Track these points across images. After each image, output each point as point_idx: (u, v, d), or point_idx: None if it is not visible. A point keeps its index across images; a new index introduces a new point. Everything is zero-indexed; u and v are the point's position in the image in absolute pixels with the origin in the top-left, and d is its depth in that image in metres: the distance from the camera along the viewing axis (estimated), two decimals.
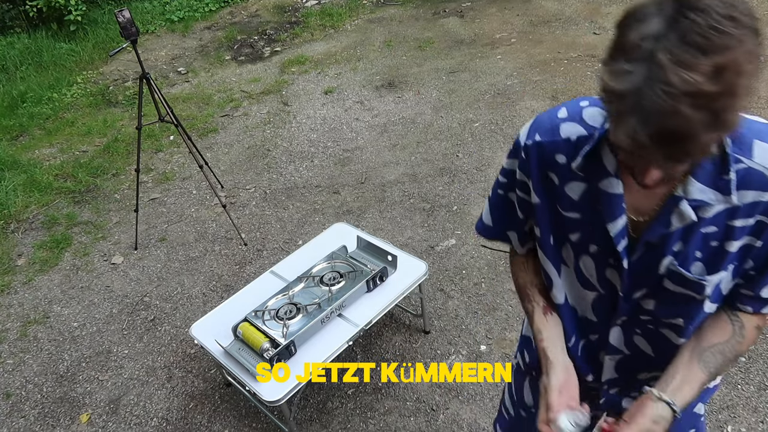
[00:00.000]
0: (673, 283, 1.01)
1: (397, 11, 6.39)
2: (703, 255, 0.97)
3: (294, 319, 2.26)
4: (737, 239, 0.95)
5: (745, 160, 0.90)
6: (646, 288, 1.05)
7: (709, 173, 0.91)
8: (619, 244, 1.02)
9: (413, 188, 3.73)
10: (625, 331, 1.14)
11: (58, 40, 6.46)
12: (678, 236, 0.97)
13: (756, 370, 2.37)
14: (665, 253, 0.98)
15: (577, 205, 1.05)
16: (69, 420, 2.63)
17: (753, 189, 0.91)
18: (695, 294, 1.01)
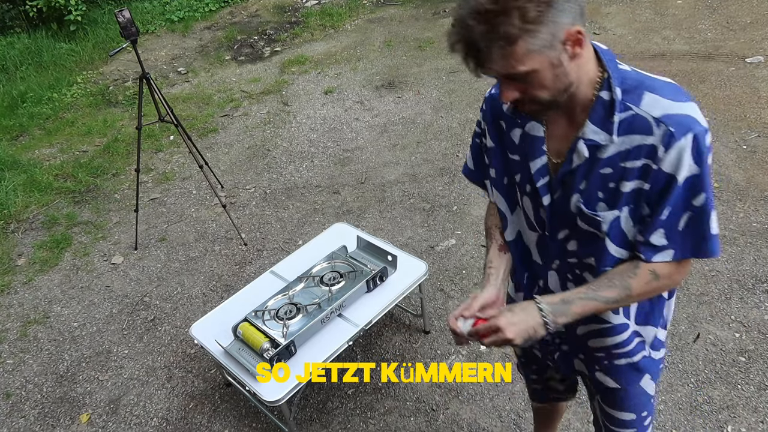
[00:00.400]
0: (581, 220, 1.16)
1: (397, 11, 6.39)
2: (604, 195, 1.11)
3: (294, 319, 2.26)
4: (629, 180, 1.08)
5: (634, 108, 1.06)
6: (567, 228, 1.21)
7: (600, 117, 1.08)
8: (538, 181, 1.20)
9: (413, 188, 3.73)
10: (559, 276, 1.29)
11: (58, 40, 6.46)
12: (581, 175, 1.12)
13: (756, 370, 2.37)
14: (574, 190, 1.14)
15: (517, 148, 1.24)
16: (69, 420, 2.63)
17: (638, 133, 1.05)
18: (597, 231, 1.15)
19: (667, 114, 1.04)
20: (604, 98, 1.07)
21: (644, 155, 1.05)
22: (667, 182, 1.06)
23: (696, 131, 1.03)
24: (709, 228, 1.10)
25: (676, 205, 1.08)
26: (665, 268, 1.13)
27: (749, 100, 3.92)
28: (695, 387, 2.34)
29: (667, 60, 4.54)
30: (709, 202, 1.08)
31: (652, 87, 1.06)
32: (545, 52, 0.98)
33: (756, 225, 3.00)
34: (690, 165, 1.04)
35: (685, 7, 5.31)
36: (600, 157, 1.09)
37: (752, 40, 4.60)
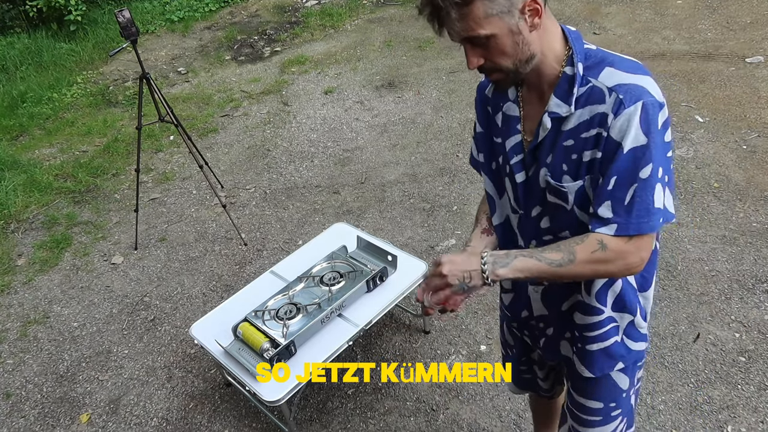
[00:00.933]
0: (550, 194, 1.20)
1: (397, 11, 6.39)
2: (568, 167, 1.15)
3: (294, 319, 2.26)
4: (587, 150, 1.12)
5: (592, 80, 1.11)
6: (539, 204, 1.24)
7: (564, 91, 1.12)
8: (512, 158, 1.25)
9: (413, 188, 3.73)
10: None
11: (58, 40, 6.46)
12: (547, 149, 1.17)
13: (756, 370, 2.37)
14: (541, 165, 1.19)
15: (500, 131, 1.28)
16: (69, 420, 2.63)
17: (593, 103, 1.10)
18: (564, 203, 1.18)
19: (619, 84, 1.07)
20: (568, 73, 1.12)
21: (597, 124, 1.09)
22: (613, 150, 1.08)
23: (646, 100, 1.05)
24: (653, 201, 1.08)
25: (621, 176, 1.08)
26: (614, 241, 1.10)
27: (749, 100, 3.92)
28: (695, 387, 2.34)
29: (667, 60, 4.54)
30: (655, 176, 1.07)
31: (612, 62, 1.11)
32: (504, 17, 1.03)
33: (756, 225, 3.00)
34: (637, 134, 1.05)
35: (685, 7, 5.31)
36: (563, 130, 1.13)
37: (752, 40, 4.60)
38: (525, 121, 1.23)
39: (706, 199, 3.22)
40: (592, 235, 1.12)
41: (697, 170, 3.42)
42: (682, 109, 3.93)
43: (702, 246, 2.94)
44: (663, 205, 1.10)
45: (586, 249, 1.12)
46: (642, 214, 1.09)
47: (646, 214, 1.09)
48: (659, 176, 1.08)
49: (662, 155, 1.08)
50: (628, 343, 1.36)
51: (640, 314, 1.34)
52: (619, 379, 1.40)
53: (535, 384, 1.73)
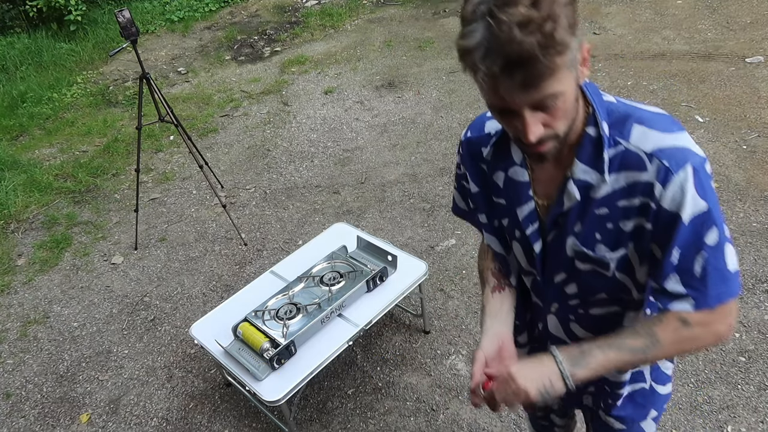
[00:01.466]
0: (581, 262, 1.08)
1: (397, 11, 6.39)
2: (602, 236, 1.03)
3: (294, 319, 2.26)
4: (630, 219, 1.00)
5: (623, 142, 0.98)
6: (564, 271, 1.12)
7: (589, 155, 0.99)
8: (527, 228, 1.12)
9: (413, 188, 3.72)
10: (560, 319, 1.21)
11: (58, 40, 6.46)
12: (575, 217, 1.04)
13: (756, 370, 2.37)
14: (567, 233, 1.06)
15: (502, 192, 1.15)
16: (69, 420, 2.63)
17: (630, 170, 0.97)
18: (603, 270, 1.07)
19: (659, 147, 0.95)
20: (591, 134, 0.99)
21: (641, 193, 0.97)
22: (671, 222, 0.96)
23: (694, 162, 0.94)
24: (725, 265, 0.98)
25: (686, 248, 0.97)
26: (697, 316, 0.99)
27: (749, 100, 3.92)
28: (695, 387, 2.34)
29: (667, 60, 4.54)
30: (723, 237, 0.97)
31: (640, 119, 0.98)
32: (573, 69, 0.87)
33: (756, 225, 3.00)
34: (695, 202, 0.94)
35: (685, 7, 5.31)
36: (594, 197, 1.01)
37: (752, 40, 4.60)
38: (535, 184, 1.09)
39: None
40: (670, 313, 1.00)
41: None
42: (682, 109, 3.93)
43: None
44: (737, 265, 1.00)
45: (668, 329, 1.00)
46: (718, 282, 0.98)
47: (722, 282, 0.98)
48: (726, 234, 0.98)
49: (719, 213, 0.97)
50: (656, 387, 1.27)
51: None
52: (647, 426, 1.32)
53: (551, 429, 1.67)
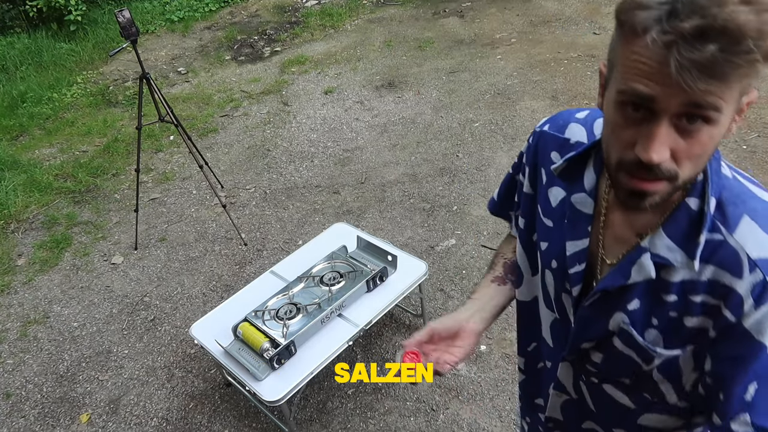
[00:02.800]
0: (622, 342, 0.90)
1: (397, 11, 6.39)
2: (659, 323, 0.85)
3: (294, 319, 2.26)
4: (695, 315, 0.82)
5: (724, 232, 0.78)
6: (595, 339, 0.94)
7: (682, 231, 0.80)
8: (572, 267, 0.93)
9: (413, 188, 3.72)
10: (574, 374, 1.04)
11: (58, 40, 6.46)
12: (637, 294, 0.85)
13: None
14: (619, 308, 0.88)
15: (552, 213, 0.97)
16: (69, 420, 2.63)
17: (722, 268, 0.79)
18: (643, 362, 0.89)
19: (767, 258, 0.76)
20: (691, 206, 0.79)
21: (720, 297, 0.79)
22: (749, 348, 0.77)
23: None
24: None
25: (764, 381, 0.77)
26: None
27: None
28: None
29: None
30: None
31: (755, 211, 0.78)
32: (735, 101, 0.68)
33: None
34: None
35: None
36: (668, 280, 0.82)
37: None
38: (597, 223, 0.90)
39: None
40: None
41: None
42: None
43: None
44: None
45: None
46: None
47: None
48: None
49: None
50: None
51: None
52: None
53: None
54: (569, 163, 0.91)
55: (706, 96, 0.65)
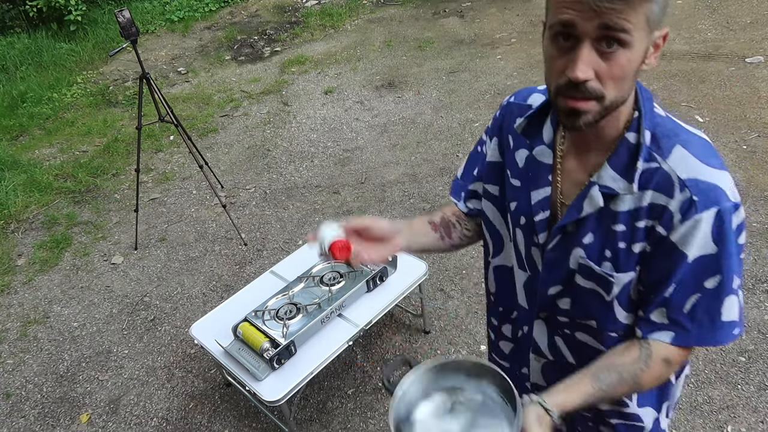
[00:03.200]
0: (583, 278, 1.01)
1: (397, 11, 6.39)
2: (611, 254, 0.97)
3: (294, 319, 2.26)
4: (639, 241, 0.95)
5: (660, 160, 0.91)
6: (561, 284, 1.06)
7: (623, 162, 0.93)
8: (537, 214, 1.04)
9: (413, 188, 3.72)
10: (548, 329, 1.14)
11: (58, 40, 6.46)
12: (590, 227, 0.98)
13: (756, 370, 2.37)
14: (576, 243, 0.99)
15: (520, 173, 1.08)
16: (69, 420, 2.63)
17: (657, 191, 0.91)
18: (604, 292, 1.00)
19: (695, 179, 0.89)
20: (630, 140, 0.93)
21: (656, 216, 0.92)
22: (674, 256, 0.93)
23: (722, 207, 0.88)
24: (719, 315, 0.95)
25: (682, 284, 0.94)
26: (676, 353, 0.98)
27: (749, 100, 3.92)
28: (695, 387, 2.34)
29: (667, 60, 4.54)
30: (726, 286, 0.93)
31: (686, 141, 0.92)
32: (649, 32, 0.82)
33: (756, 225, 3.00)
34: (705, 243, 0.90)
35: (685, 7, 5.31)
36: (615, 210, 0.95)
37: (752, 40, 4.60)
38: (556, 174, 1.03)
39: None
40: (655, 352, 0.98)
41: None
42: (682, 109, 3.93)
43: None
44: (738, 316, 0.96)
45: (653, 375, 0.99)
46: (706, 326, 0.96)
47: (710, 327, 0.96)
48: (732, 286, 0.94)
49: (735, 263, 0.93)
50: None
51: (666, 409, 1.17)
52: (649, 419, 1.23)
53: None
54: (529, 120, 1.04)
55: (613, 17, 0.78)
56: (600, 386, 0.98)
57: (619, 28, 0.79)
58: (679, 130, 0.94)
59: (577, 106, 0.86)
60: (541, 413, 0.95)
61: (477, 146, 1.21)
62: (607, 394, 0.98)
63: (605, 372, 0.99)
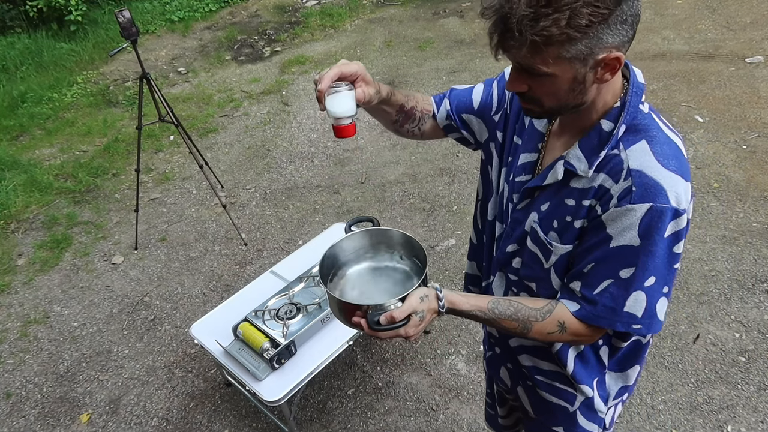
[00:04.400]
0: (532, 241, 1.11)
1: (397, 11, 6.39)
2: (558, 225, 1.06)
3: (294, 319, 2.26)
4: (581, 218, 1.02)
5: (621, 148, 0.98)
6: (516, 243, 1.16)
7: (591, 146, 1.00)
8: (519, 175, 1.14)
9: (413, 188, 3.73)
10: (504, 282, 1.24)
11: (58, 40, 6.46)
12: (548, 197, 1.07)
13: (756, 370, 2.37)
14: (534, 208, 1.09)
15: (522, 132, 1.17)
16: (69, 420, 2.63)
17: (608, 175, 0.98)
18: (544, 259, 1.10)
19: (642, 171, 0.94)
20: (604, 128, 0.99)
21: (599, 197, 0.99)
22: (600, 235, 0.99)
23: (656, 206, 0.93)
24: (623, 305, 1.01)
25: (599, 265, 1.01)
26: (575, 323, 1.06)
27: (749, 100, 3.92)
28: (695, 387, 2.34)
29: (667, 60, 4.54)
30: (637, 281, 0.98)
31: (652, 138, 0.97)
32: (574, 63, 0.89)
33: (756, 225, 3.01)
34: (630, 234, 0.95)
35: (685, 7, 5.31)
36: (570, 186, 1.03)
37: (752, 40, 4.60)
38: (545, 143, 1.12)
39: (705, 199, 3.22)
40: (556, 312, 1.06)
41: (697, 170, 3.42)
42: (682, 109, 3.93)
43: (702, 246, 2.94)
44: (641, 313, 1.01)
45: (544, 328, 1.07)
46: (606, 310, 1.02)
47: (610, 313, 1.02)
48: (645, 284, 0.99)
49: (659, 265, 0.98)
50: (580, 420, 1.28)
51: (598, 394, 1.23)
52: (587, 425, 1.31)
53: (495, 422, 1.71)
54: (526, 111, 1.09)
55: (523, 61, 0.91)
56: (493, 309, 1.09)
57: (530, 68, 0.91)
58: (652, 127, 0.99)
59: (523, 106, 1.02)
60: (430, 295, 1.08)
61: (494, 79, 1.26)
62: (496, 319, 1.09)
63: (506, 303, 1.10)
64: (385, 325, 1.04)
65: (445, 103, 1.28)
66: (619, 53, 0.89)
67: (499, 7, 0.87)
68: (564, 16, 0.83)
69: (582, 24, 0.84)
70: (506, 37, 0.88)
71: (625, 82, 1.01)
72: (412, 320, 1.05)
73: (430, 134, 1.31)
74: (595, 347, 1.18)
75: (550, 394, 1.28)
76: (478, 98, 1.25)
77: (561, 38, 0.85)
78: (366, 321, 1.06)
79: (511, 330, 1.10)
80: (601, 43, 0.87)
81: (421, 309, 1.06)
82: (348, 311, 1.10)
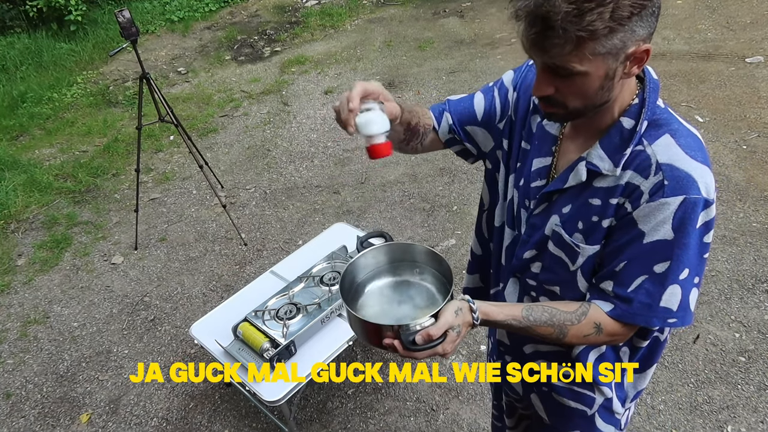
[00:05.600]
0: (554, 244, 1.09)
1: (397, 11, 6.39)
2: (583, 226, 1.04)
3: (294, 319, 2.26)
4: (609, 217, 1.00)
5: (645, 144, 0.97)
6: (535, 249, 1.13)
7: (613, 145, 0.99)
8: (534, 181, 1.12)
9: (413, 188, 3.72)
10: (519, 288, 1.22)
11: (58, 40, 6.46)
12: (569, 199, 1.05)
13: (756, 370, 2.37)
14: (555, 211, 1.07)
15: (531, 137, 1.14)
16: (69, 420, 2.63)
17: (636, 171, 0.97)
18: (570, 261, 1.07)
19: (672, 165, 0.94)
20: (625, 126, 0.98)
21: (628, 194, 0.98)
22: (633, 233, 0.98)
23: (690, 197, 0.92)
24: (659, 300, 1.00)
25: (634, 263, 0.99)
26: (610, 323, 1.04)
27: (749, 100, 3.92)
28: (695, 387, 2.34)
29: (667, 60, 4.54)
30: (673, 274, 0.97)
31: (675, 131, 0.97)
32: (607, 59, 0.87)
33: (756, 225, 3.00)
34: (664, 228, 0.95)
35: (685, 7, 5.31)
36: (594, 186, 1.01)
37: (752, 40, 4.60)
38: (558, 146, 1.10)
39: None
40: (591, 314, 1.04)
41: None
42: (682, 109, 3.93)
43: None
44: (676, 307, 1.00)
45: (580, 331, 1.05)
46: (643, 307, 1.01)
47: (646, 309, 1.01)
48: (680, 277, 0.98)
49: (692, 256, 0.97)
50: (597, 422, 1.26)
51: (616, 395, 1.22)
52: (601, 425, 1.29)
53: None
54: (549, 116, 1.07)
55: (554, 60, 0.88)
56: (528, 316, 1.05)
57: (564, 67, 0.89)
58: (672, 121, 0.98)
59: (545, 110, 0.99)
60: (463, 308, 1.04)
61: (493, 86, 1.24)
62: (531, 326, 1.05)
63: (539, 309, 1.06)
64: (422, 344, 0.99)
65: (446, 117, 1.25)
66: (648, 45, 0.88)
67: (536, 6, 0.83)
68: (608, 9, 0.82)
69: (624, 16, 0.83)
70: (547, 36, 0.85)
71: (638, 80, 1.01)
72: (449, 336, 1.00)
73: (429, 148, 1.29)
74: (616, 348, 1.17)
75: (568, 399, 1.25)
76: (480, 108, 1.23)
77: (604, 32, 0.83)
78: (400, 342, 1.01)
79: (547, 336, 1.07)
80: (634, 35, 0.86)
81: (456, 323, 1.01)
82: (374, 332, 1.04)
